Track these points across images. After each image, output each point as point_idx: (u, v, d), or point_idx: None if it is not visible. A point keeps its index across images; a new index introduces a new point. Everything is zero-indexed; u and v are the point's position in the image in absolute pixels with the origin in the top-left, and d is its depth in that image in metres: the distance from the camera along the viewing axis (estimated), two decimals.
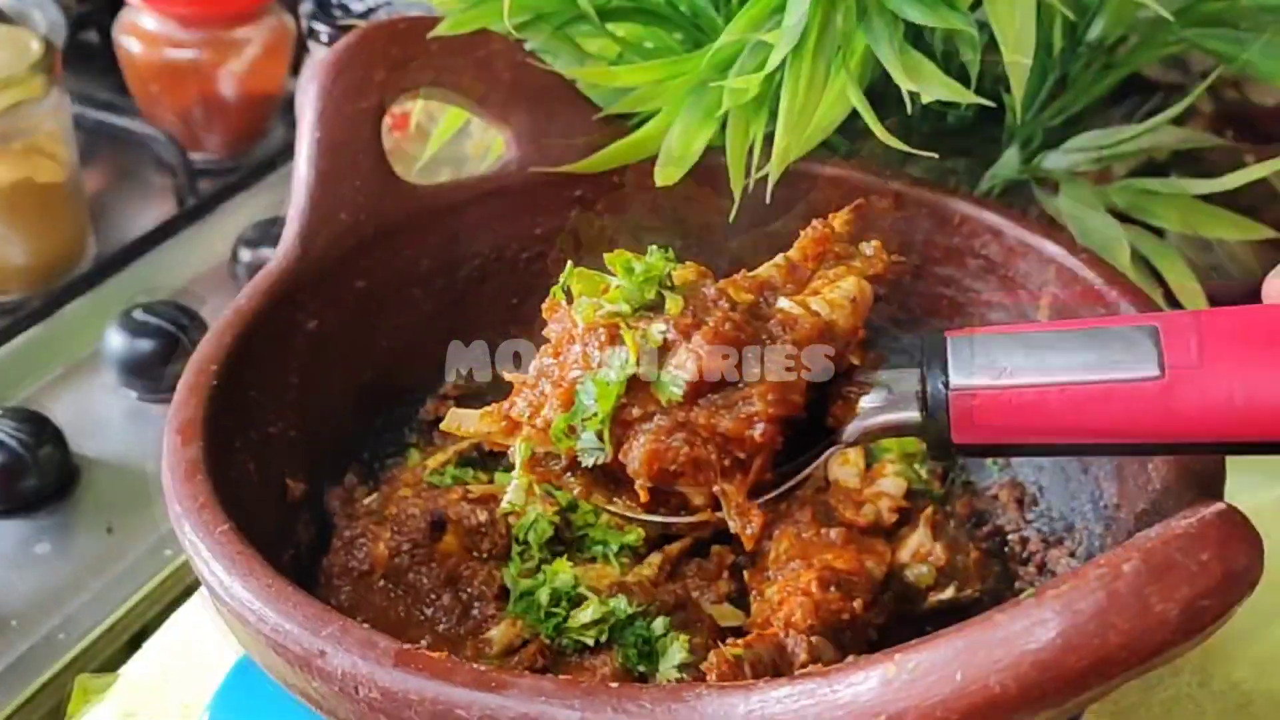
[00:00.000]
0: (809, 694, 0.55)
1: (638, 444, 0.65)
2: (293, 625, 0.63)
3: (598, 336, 0.67)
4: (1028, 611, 0.52)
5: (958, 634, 0.53)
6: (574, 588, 0.80)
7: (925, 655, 0.53)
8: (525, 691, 0.58)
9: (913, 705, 0.53)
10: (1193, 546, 0.54)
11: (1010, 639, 0.52)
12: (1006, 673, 0.51)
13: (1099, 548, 0.83)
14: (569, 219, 1.00)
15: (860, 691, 0.54)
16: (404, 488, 0.87)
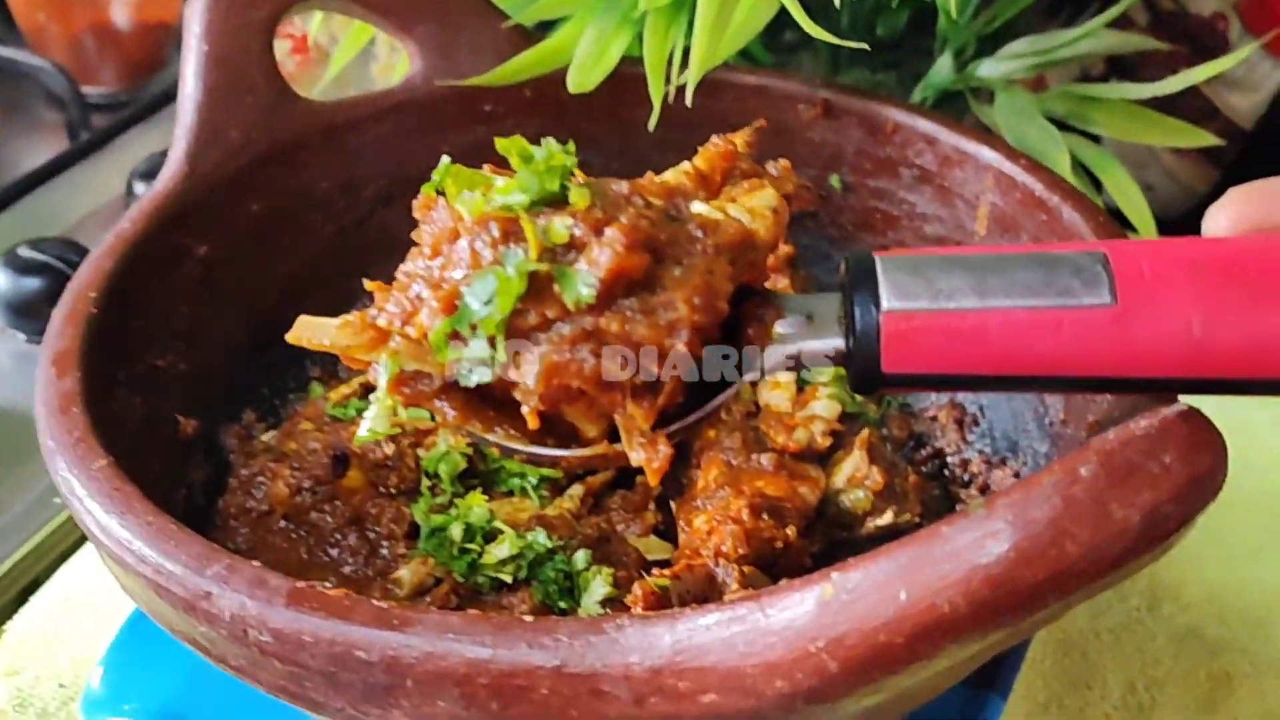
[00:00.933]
0: (739, 620, 0.50)
1: (532, 355, 0.56)
2: (175, 565, 0.57)
3: (489, 232, 0.57)
4: (978, 523, 0.48)
5: (901, 549, 0.48)
6: (489, 522, 0.75)
7: (865, 573, 0.48)
8: (431, 628, 0.53)
9: (853, 628, 0.48)
10: (1155, 448, 0.49)
11: (959, 553, 0.47)
12: (955, 589, 0.47)
13: (1044, 467, 0.79)
14: (477, 134, 0.94)
15: (795, 615, 0.49)
16: (305, 422, 0.81)
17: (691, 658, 0.51)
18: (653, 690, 0.51)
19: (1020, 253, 0.57)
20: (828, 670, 0.48)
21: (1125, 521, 0.48)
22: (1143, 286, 0.54)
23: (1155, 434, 0.50)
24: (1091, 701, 0.85)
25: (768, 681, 0.49)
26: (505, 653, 0.52)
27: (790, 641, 0.49)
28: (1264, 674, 0.87)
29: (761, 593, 0.51)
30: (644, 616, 0.53)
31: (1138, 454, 0.49)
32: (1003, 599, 0.47)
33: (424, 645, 0.53)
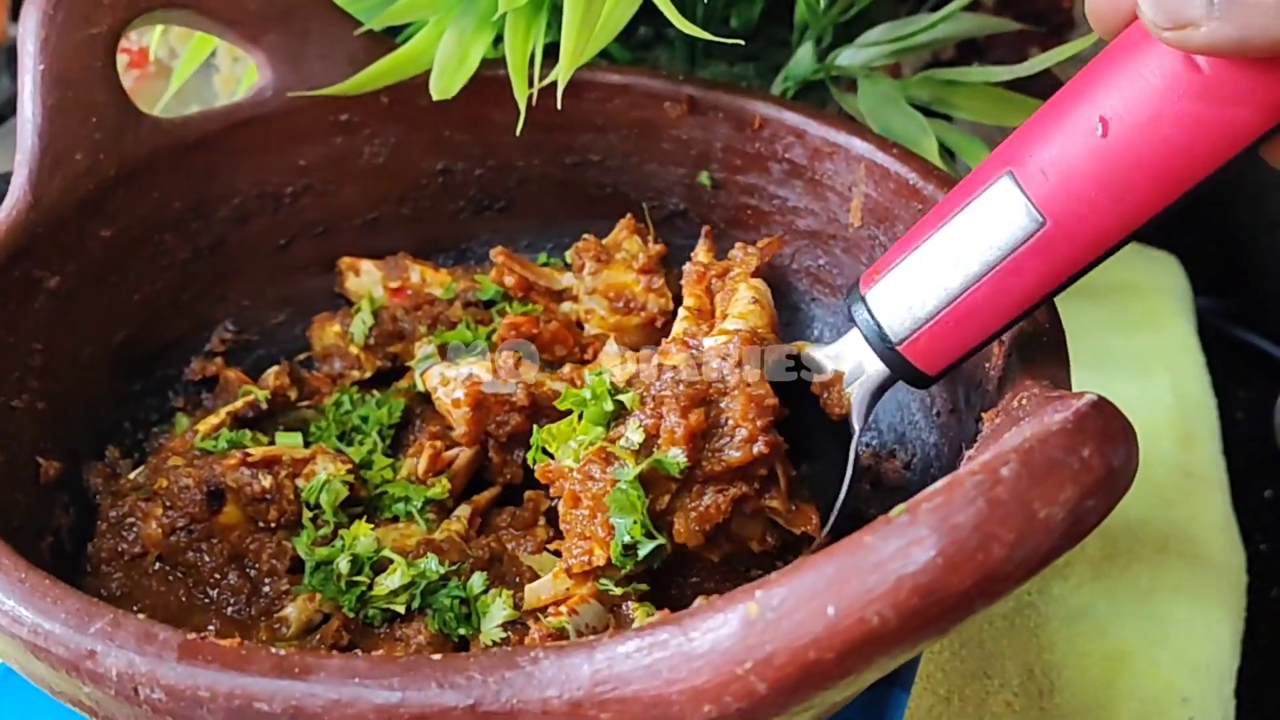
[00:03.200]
0: (661, 645, 0.49)
1: (686, 521, 0.69)
2: (54, 624, 0.54)
3: (594, 466, 0.68)
4: (901, 530, 0.46)
5: (825, 561, 0.47)
6: (377, 552, 0.72)
7: (790, 589, 0.47)
8: (334, 674, 0.51)
9: (781, 647, 0.46)
10: (1073, 443, 0.49)
11: (884, 563, 0.46)
12: (884, 601, 0.46)
13: (934, 457, 0.79)
14: (334, 145, 0.91)
15: (720, 637, 0.47)
16: (173, 457, 0.77)
17: (612, 688, 0.49)
18: None
19: (947, 217, 0.64)
20: (757, 692, 0.47)
21: (1049, 520, 0.47)
22: (1053, 193, 0.61)
23: (1072, 428, 0.49)
24: (992, 690, 0.85)
25: (695, 708, 0.48)
26: (415, 695, 0.50)
27: (716, 665, 0.47)
28: (1155, 647, 0.88)
29: (682, 615, 0.49)
30: (559, 647, 0.51)
31: (1057, 450, 0.48)
32: (932, 607, 0.46)
33: (328, 693, 0.50)
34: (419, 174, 0.94)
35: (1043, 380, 0.64)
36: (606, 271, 0.86)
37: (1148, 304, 1.23)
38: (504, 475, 0.82)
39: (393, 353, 0.89)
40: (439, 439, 0.81)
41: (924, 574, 0.46)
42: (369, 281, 0.91)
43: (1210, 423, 1.13)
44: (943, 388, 0.78)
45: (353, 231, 0.94)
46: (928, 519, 0.46)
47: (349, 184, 0.93)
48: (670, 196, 0.94)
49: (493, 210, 0.97)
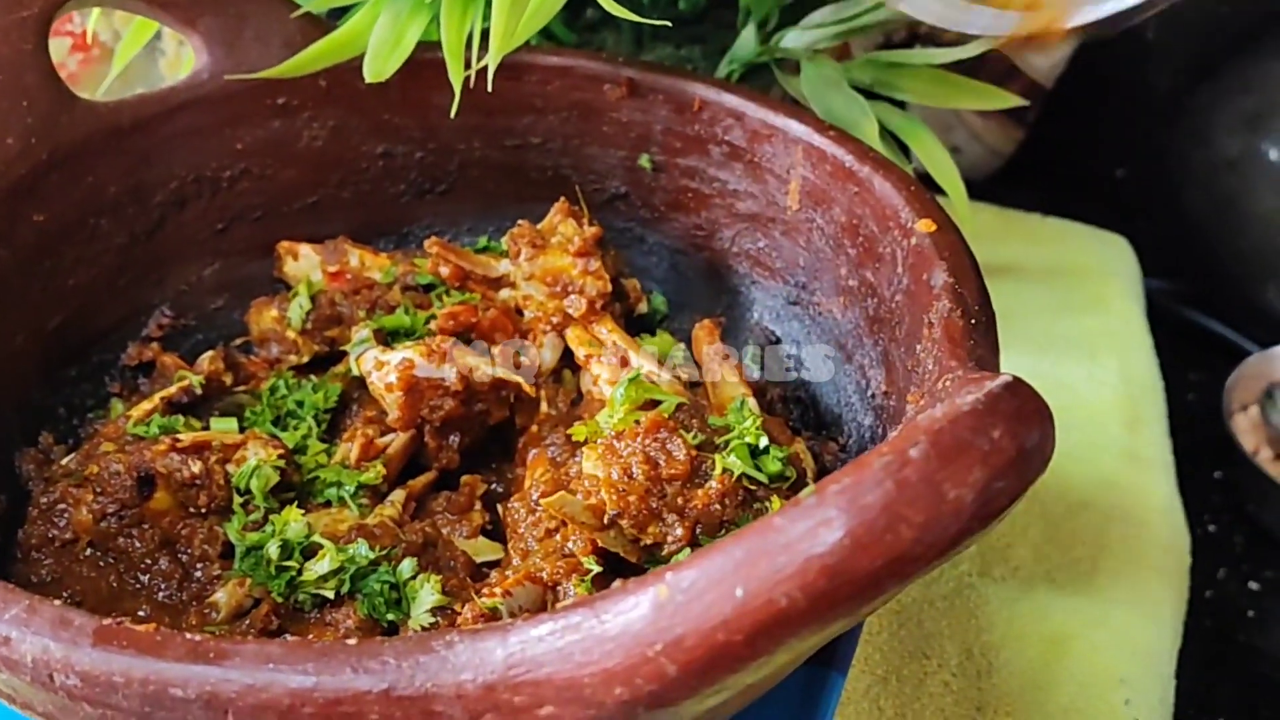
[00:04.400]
0: (574, 628, 0.48)
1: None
2: None
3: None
4: (809, 511, 0.46)
5: (734, 543, 0.47)
6: (307, 537, 0.72)
7: (700, 571, 0.47)
8: (249, 659, 0.51)
9: (691, 629, 0.46)
10: (982, 424, 0.49)
11: (792, 544, 0.46)
12: (792, 583, 0.46)
13: (870, 440, 0.79)
14: (272, 129, 0.90)
15: (631, 620, 0.47)
16: (105, 443, 0.76)
17: (526, 671, 0.49)
18: (488, 707, 0.49)
19: None
20: (667, 674, 0.47)
21: (958, 501, 0.47)
22: None
23: (983, 409, 0.49)
24: (930, 670, 0.85)
25: (607, 690, 0.48)
26: (330, 679, 0.50)
27: (627, 647, 0.47)
28: (1094, 629, 0.88)
29: (596, 598, 0.49)
30: (474, 631, 0.51)
31: (966, 431, 0.48)
32: (840, 588, 0.46)
33: (243, 678, 0.50)
34: (359, 157, 0.94)
35: (969, 363, 0.64)
36: (542, 257, 0.85)
37: (1096, 287, 1.24)
38: (440, 460, 0.81)
39: (330, 337, 0.88)
40: (374, 424, 0.81)
41: (831, 555, 0.46)
42: (307, 266, 0.90)
43: (1158, 405, 1.13)
44: (878, 368, 0.78)
45: (292, 216, 0.93)
46: (835, 500, 0.46)
47: (288, 168, 0.92)
48: (611, 179, 0.94)
49: (434, 194, 0.96)
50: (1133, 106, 1.43)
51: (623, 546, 0.70)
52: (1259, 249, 1.29)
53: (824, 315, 0.84)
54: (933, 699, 0.83)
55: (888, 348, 0.77)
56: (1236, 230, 1.30)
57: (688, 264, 0.94)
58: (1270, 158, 1.26)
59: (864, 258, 0.80)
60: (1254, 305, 1.33)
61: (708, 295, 0.92)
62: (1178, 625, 0.95)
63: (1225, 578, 1.14)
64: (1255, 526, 1.18)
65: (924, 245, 0.73)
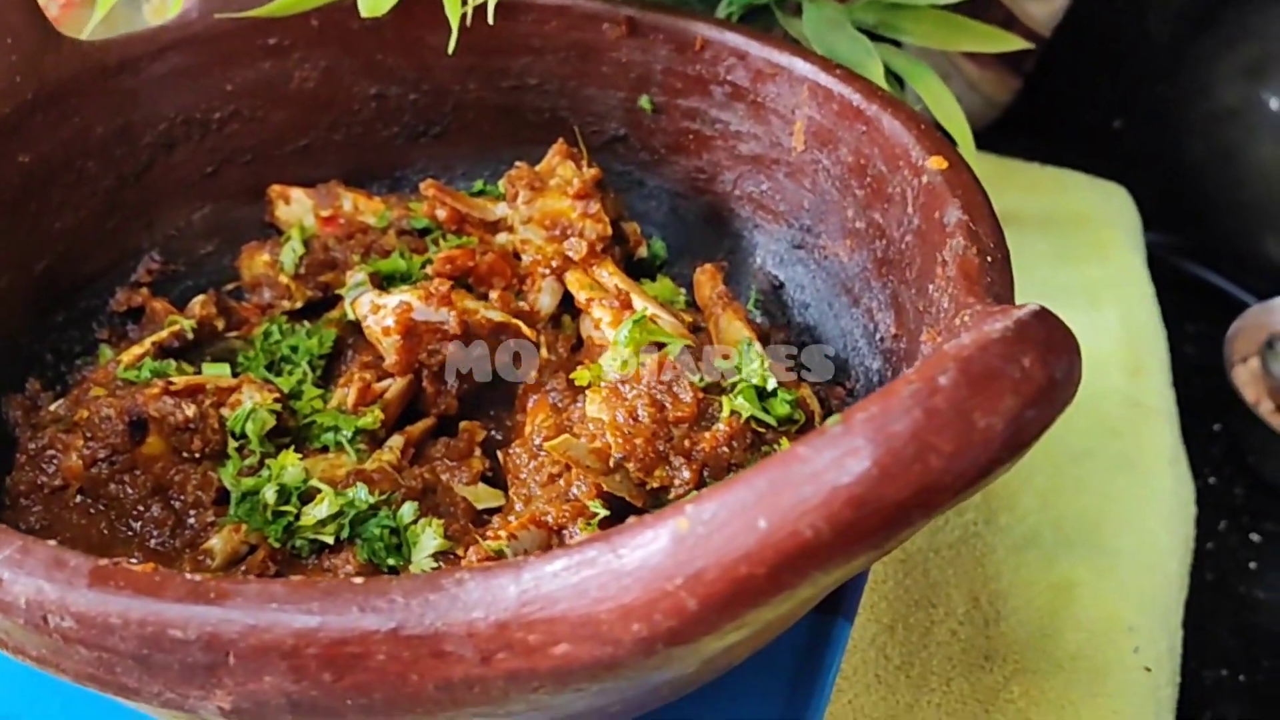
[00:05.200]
0: (589, 563, 0.47)
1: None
2: None
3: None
4: (835, 440, 0.45)
5: (758, 474, 0.45)
6: (304, 482, 0.70)
7: (721, 503, 0.45)
8: (251, 600, 0.49)
9: (712, 562, 0.45)
10: (1013, 351, 0.47)
11: (818, 474, 0.44)
12: (818, 513, 0.44)
13: (878, 383, 0.77)
14: (262, 70, 0.88)
15: (650, 553, 0.46)
16: (95, 388, 0.74)
17: (540, 608, 0.47)
18: (500, 646, 0.48)
19: None
20: (687, 609, 0.45)
21: (989, 430, 0.45)
22: None
23: (1012, 337, 0.48)
24: (937, 619, 0.84)
25: (624, 626, 0.46)
26: (335, 619, 0.48)
27: (646, 582, 0.46)
28: (1101, 578, 0.87)
29: (611, 533, 0.47)
30: (485, 568, 0.49)
31: (997, 359, 0.47)
32: (867, 519, 0.44)
33: (245, 618, 0.48)
34: (351, 99, 0.92)
35: (987, 299, 0.63)
36: (541, 200, 0.83)
37: (1097, 235, 1.22)
38: (438, 406, 0.79)
39: (324, 282, 0.86)
40: (370, 369, 0.79)
41: (858, 485, 0.44)
42: (300, 210, 0.88)
43: (1160, 354, 1.12)
44: (887, 311, 0.76)
45: (283, 159, 0.91)
46: (863, 429, 0.45)
47: (278, 110, 0.90)
48: (610, 121, 0.92)
49: (428, 136, 0.94)
50: (1131, 56, 1.41)
51: (628, 490, 0.69)
52: (1259, 200, 1.28)
53: (830, 259, 0.83)
54: (940, 647, 0.82)
55: (897, 290, 0.75)
56: (1236, 181, 1.29)
57: (688, 208, 0.92)
58: (1271, 107, 1.25)
59: (872, 198, 0.78)
60: (1253, 257, 1.32)
61: (709, 240, 0.91)
62: (1184, 575, 0.94)
63: (1226, 530, 1.13)
64: (1256, 478, 1.18)
65: (936, 183, 0.71)
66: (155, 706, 0.52)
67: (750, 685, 0.73)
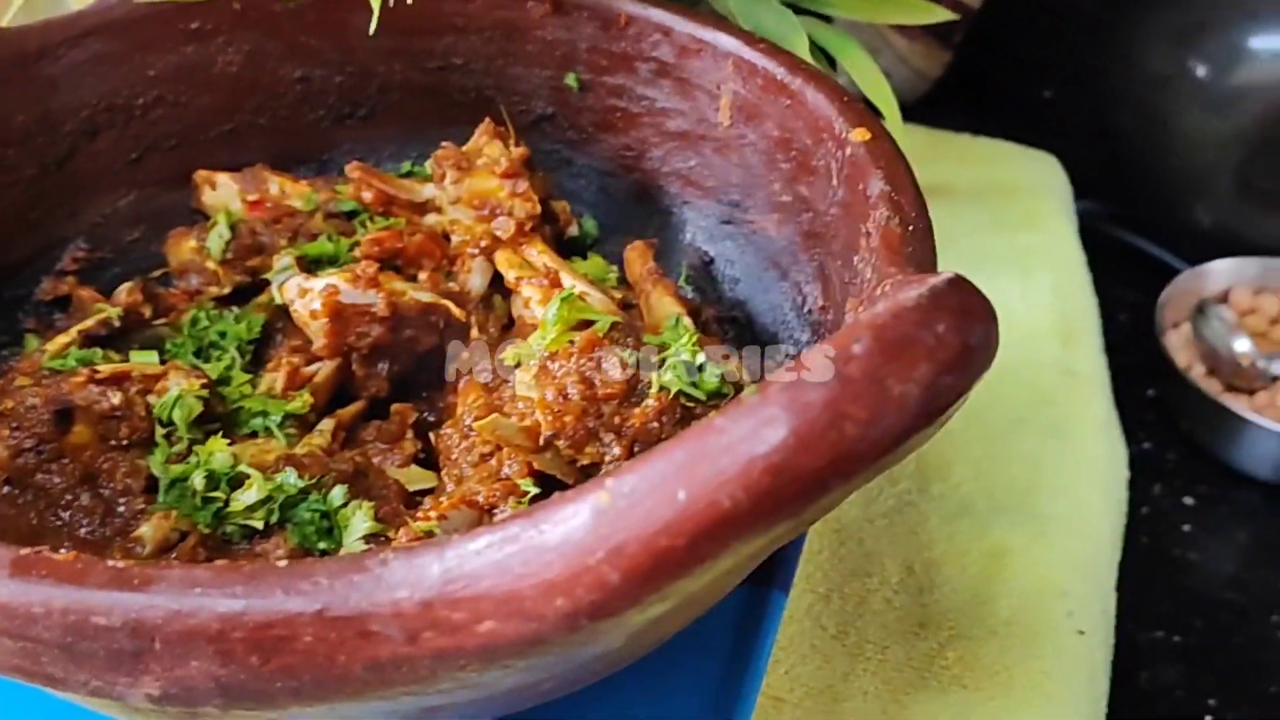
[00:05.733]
0: (512, 540, 0.47)
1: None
2: None
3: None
4: (751, 410, 0.45)
5: (677, 446, 0.45)
6: (233, 468, 0.70)
7: (641, 476, 0.45)
8: (175, 584, 0.49)
9: (632, 535, 0.45)
10: (927, 319, 0.48)
11: (735, 445, 0.44)
12: (736, 484, 0.44)
13: None
14: (185, 55, 0.87)
15: (572, 529, 0.46)
16: (20, 378, 0.74)
17: (464, 586, 0.47)
18: (426, 625, 0.48)
19: None
20: (609, 582, 0.45)
21: (903, 397, 0.46)
22: None
23: (926, 304, 0.48)
24: (871, 588, 0.84)
25: (547, 601, 0.46)
26: (260, 602, 0.48)
27: (568, 557, 0.46)
28: (1035, 544, 0.88)
29: (534, 509, 0.47)
30: (408, 548, 0.49)
31: (911, 326, 0.47)
32: (785, 488, 0.45)
33: (169, 604, 0.48)
34: (276, 82, 0.91)
35: (908, 268, 0.63)
36: (469, 179, 0.83)
37: (1029, 205, 1.23)
38: (369, 389, 0.79)
39: (251, 267, 0.85)
40: (299, 353, 0.79)
41: (776, 454, 0.44)
42: (226, 195, 0.87)
43: (1092, 321, 1.13)
44: (814, 284, 0.77)
45: (208, 144, 0.90)
46: (779, 398, 0.45)
47: (202, 94, 0.89)
48: (537, 100, 0.92)
49: (354, 119, 0.94)
50: (1060, 26, 1.42)
51: (559, 468, 0.69)
52: (1188, 167, 1.29)
53: (758, 233, 0.83)
54: (875, 616, 0.82)
55: (824, 262, 0.76)
56: (1166, 149, 1.30)
57: (617, 186, 0.92)
58: (1199, 75, 1.26)
59: (798, 172, 0.78)
60: (1183, 223, 1.33)
61: (639, 217, 0.91)
62: (1117, 539, 0.95)
63: (1160, 494, 1.15)
64: (1189, 443, 1.19)
65: (859, 155, 0.72)
66: (84, 695, 0.52)
67: (686, 659, 0.73)
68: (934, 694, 0.77)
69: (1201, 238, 1.30)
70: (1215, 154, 1.26)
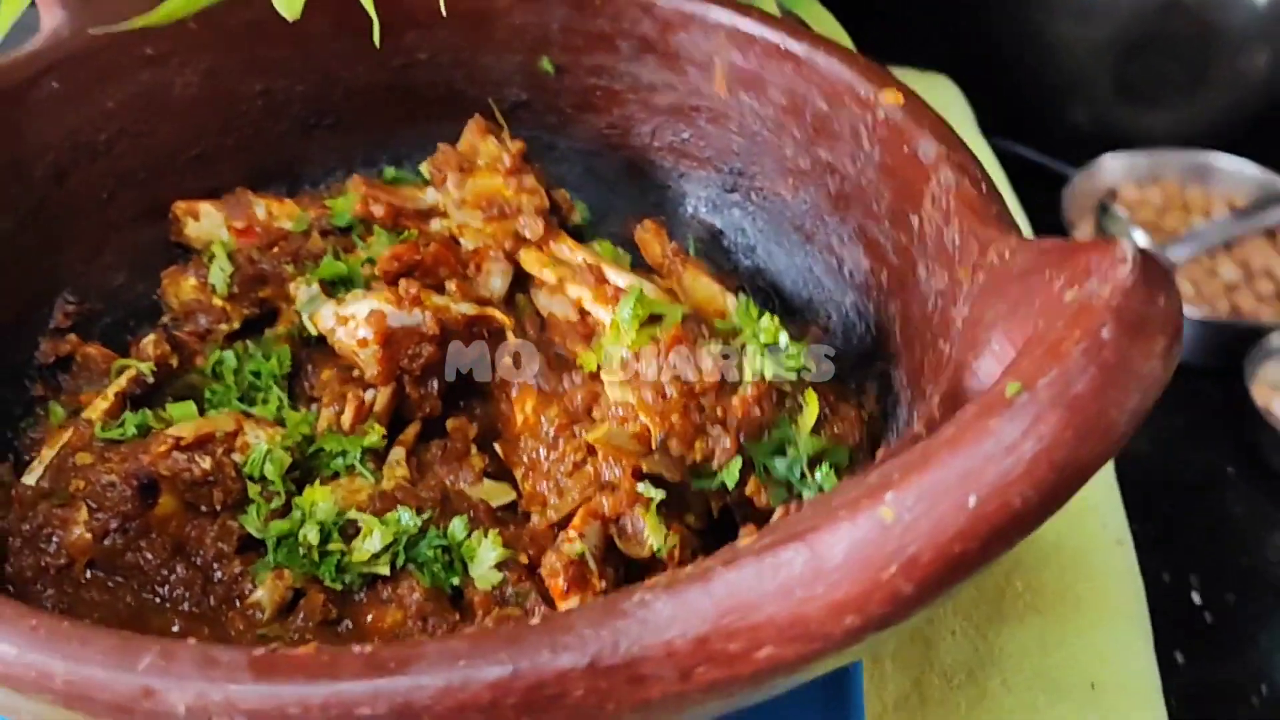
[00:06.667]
0: (786, 565, 0.47)
1: None
2: (94, 668, 0.48)
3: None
4: (1024, 410, 0.46)
5: (949, 453, 0.46)
6: (339, 515, 0.67)
7: (923, 487, 0.46)
8: (436, 660, 0.48)
9: (926, 545, 0.46)
10: (1151, 294, 0.49)
11: (1016, 444, 0.46)
12: (1024, 482, 0.46)
13: (857, 317, 0.78)
14: (143, 81, 0.82)
15: (856, 544, 0.46)
16: (79, 454, 0.69)
17: (741, 616, 0.47)
18: (700, 660, 0.48)
19: None
20: (902, 594, 0.46)
21: (1150, 374, 0.48)
22: None
23: (1142, 279, 0.50)
24: None
25: (836, 621, 0.47)
26: (527, 664, 0.47)
27: (856, 575, 0.46)
28: None
29: (794, 533, 0.47)
30: (666, 585, 0.48)
31: (1141, 303, 0.49)
32: (1066, 481, 0.46)
33: (434, 681, 0.47)
34: (237, 99, 0.87)
35: (1006, 229, 0.64)
36: (472, 180, 0.81)
37: None
38: (423, 409, 0.77)
39: (260, 298, 0.82)
40: (351, 383, 0.76)
41: (1057, 449, 0.46)
42: (210, 225, 0.83)
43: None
44: (852, 245, 0.78)
45: (178, 172, 0.85)
46: (1048, 393, 0.46)
47: (165, 121, 0.84)
48: (509, 88, 0.89)
49: (321, 127, 0.90)
50: None
51: (668, 468, 0.69)
52: (1065, 73, 1.34)
53: (770, 199, 0.83)
54: None
55: (862, 223, 0.77)
56: (1044, 58, 1.34)
57: (605, 166, 0.91)
58: None
59: (815, 136, 0.79)
60: (1065, 127, 1.38)
61: (632, 196, 0.90)
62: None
63: None
64: None
65: (895, 117, 0.72)
66: None
67: None
68: (1014, 624, 0.80)
69: (1082, 139, 1.35)
70: (1090, 60, 1.31)
